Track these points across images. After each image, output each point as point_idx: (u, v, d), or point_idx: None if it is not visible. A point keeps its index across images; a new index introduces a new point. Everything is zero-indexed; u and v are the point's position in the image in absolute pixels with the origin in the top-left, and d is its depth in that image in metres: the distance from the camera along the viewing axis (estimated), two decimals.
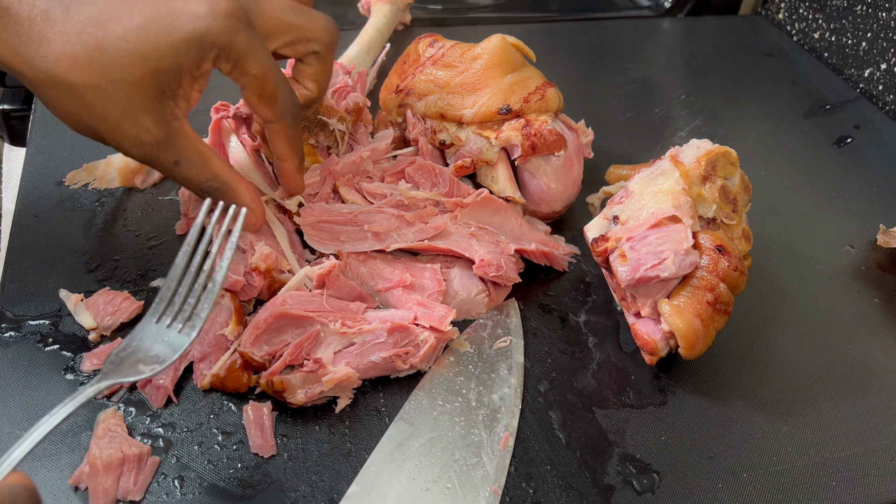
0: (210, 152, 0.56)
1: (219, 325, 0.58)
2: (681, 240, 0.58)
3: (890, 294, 0.72)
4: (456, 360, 0.61)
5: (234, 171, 0.58)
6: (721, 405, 0.60)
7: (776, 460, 0.56)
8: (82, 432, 0.53)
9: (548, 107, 0.70)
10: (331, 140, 0.71)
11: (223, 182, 0.57)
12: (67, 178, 0.71)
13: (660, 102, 0.98)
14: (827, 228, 0.79)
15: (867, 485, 0.55)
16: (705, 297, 0.58)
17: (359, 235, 0.66)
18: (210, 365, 0.57)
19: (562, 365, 0.62)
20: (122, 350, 0.50)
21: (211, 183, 0.57)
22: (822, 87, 1.04)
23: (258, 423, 0.54)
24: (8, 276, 0.63)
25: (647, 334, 0.59)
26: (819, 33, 1.12)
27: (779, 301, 0.70)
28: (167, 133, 0.53)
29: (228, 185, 0.57)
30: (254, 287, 0.61)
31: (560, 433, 0.57)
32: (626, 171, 0.69)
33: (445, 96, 0.70)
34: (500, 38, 0.71)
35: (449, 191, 0.69)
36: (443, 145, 0.71)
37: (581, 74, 1.03)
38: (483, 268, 0.64)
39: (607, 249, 0.61)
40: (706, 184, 0.62)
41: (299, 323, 0.57)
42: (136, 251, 0.67)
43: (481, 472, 0.53)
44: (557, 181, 0.70)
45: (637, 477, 0.54)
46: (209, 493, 0.51)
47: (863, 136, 0.95)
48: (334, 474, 0.53)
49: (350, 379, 0.56)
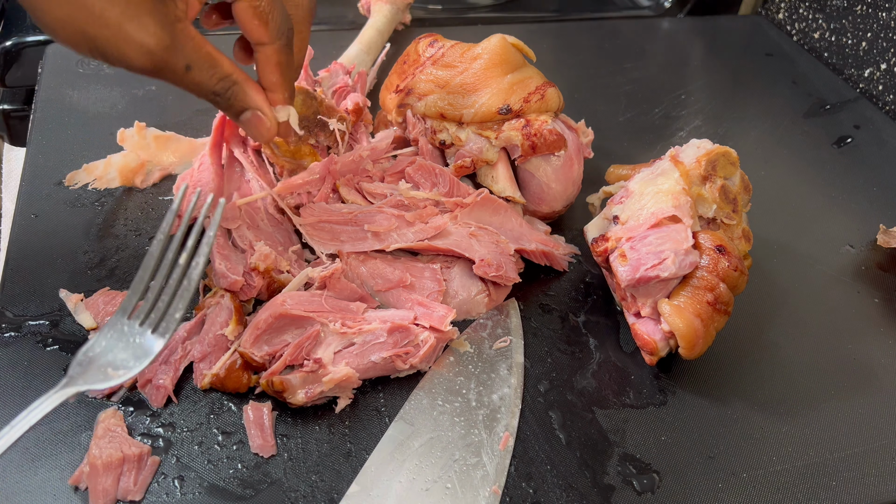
0: (217, 53, 0.52)
1: (219, 324, 0.58)
2: (681, 240, 0.58)
3: (890, 294, 0.72)
4: (456, 360, 0.61)
5: (244, 72, 0.54)
6: (721, 405, 0.60)
7: (776, 460, 0.56)
8: (82, 432, 0.53)
9: (548, 107, 0.70)
10: (331, 140, 0.71)
11: (234, 81, 0.53)
12: (67, 178, 0.71)
13: (660, 102, 0.98)
14: (827, 228, 0.79)
15: (867, 485, 0.55)
16: (705, 297, 0.58)
17: (359, 235, 0.66)
18: (210, 365, 0.57)
19: (562, 365, 0.62)
20: (89, 349, 0.47)
21: (223, 83, 0.52)
22: (822, 87, 1.04)
23: (258, 423, 0.54)
24: (8, 276, 0.63)
25: (647, 334, 0.59)
26: (819, 33, 1.12)
27: (779, 301, 0.70)
28: (172, 36, 0.48)
29: (240, 84, 0.53)
30: (253, 287, 0.61)
31: (560, 433, 0.57)
32: (626, 171, 0.69)
33: (445, 96, 0.70)
34: (500, 38, 0.71)
35: (449, 191, 0.69)
36: (443, 145, 0.71)
37: (581, 74, 1.03)
38: (483, 268, 0.64)
39: (607, 249, 0.61)
40: (706, 184, 0.62)
41: (299, 323, 0.57)
42: (136, 251, 0.67)
43: (481, 472, 0.53)
44: (557, 181, 0.70)
45: (637, 477, 0.54)
46: (209, 493, 0.51)
47: (863, 136, 0.95)
48: (334, 474, 0.53)
49: (350, 379, 0.56)
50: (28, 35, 0.95)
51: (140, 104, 0.86)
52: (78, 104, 0.85)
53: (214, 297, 0.60)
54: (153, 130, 0.73)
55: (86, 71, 0.90)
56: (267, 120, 0.56)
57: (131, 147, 0.73)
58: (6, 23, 0.98)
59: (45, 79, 0.88)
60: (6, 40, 0.94)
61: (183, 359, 0.57)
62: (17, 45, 0.94)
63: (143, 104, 0.86)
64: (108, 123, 0.82)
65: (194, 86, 0.52)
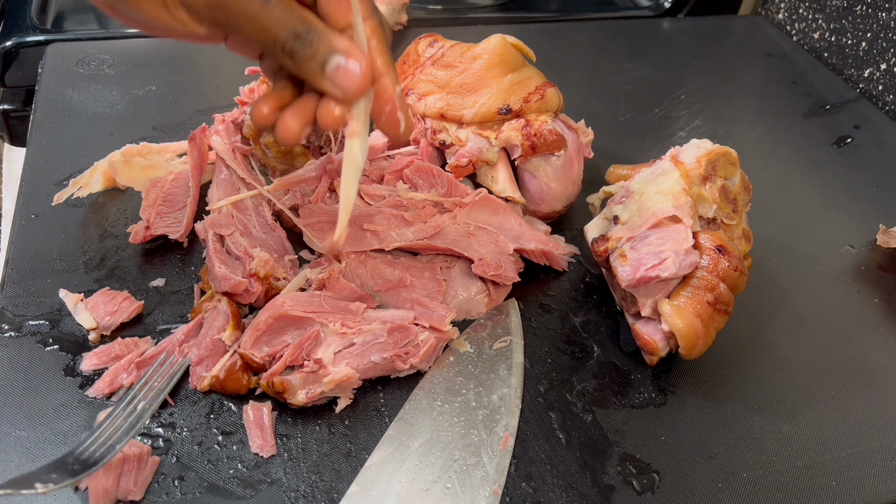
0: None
1: (216, 329, 0.58)
2: (681, 240, 0.58)
3: (890, 294, 0.72)
4: (456, 360, 0.61)
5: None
6: (721, 405, 0.60)
7: (776, 460, 0.56)
8: (82, 432, 0.53)
9: (548, 107, 0.70)
10: (323, 140, 0.71)
11: (315, 25, 0.46)
12: (55, 199, 0.69)
13: (660, 102, 0.98)
14: (827, 228, 0.79)
15: (867, 485, 0.55)
16: (705, 297, 0.58)
17: (358, 235, 0.66)
18: (207, 368, 0.57)
19: (562, 365, 0.62)
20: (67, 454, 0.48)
21: (305, 24, 0.45)
22: (821, 87, 1.04)
23: (258, 423, 0.54)
24: (8, 276, 0.63)
25: (648, 334, 0.59)
26: (819, 33, 1.12)
27: (779, 301, 0.70)
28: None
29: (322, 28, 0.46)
30: (252, 293, 0.61)
31: (560, 433, 0.57)
32: (626, 171, 0.69)
33: (445, 96, 0.70)
34: (500, 38, 0.71)
35: (447, 191, 0.69)
36: (443, 145, 0.71)
37: (581, 74, 1.02)
38: (482, 267, 0.64)
39: (607, 249, 0.61)
40: (706, 184, 0.62)
41: (299, 324, 0.57)
42: (136, 251, 0.67)
43: (481, 472, 0.53)
44: (557, 181, 0.70)
45: (637, 477, 0.54)
46: (209, 493, 0.51)
47: (863, 136, 0.95)
48: (334, 474, 0.53)
49: (350, 379, 0.56)
50: (28, 35, 0.95)
51: (140, 104, 0.86)
52: (78, 104, 0.85)
53: (211, 302, 0.60)
54: (139, 160, 0.72)
55: (86, 71, 0.90)
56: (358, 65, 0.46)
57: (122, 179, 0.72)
58: (6, 23, 0.98)
59: (45, 79, 0.88)
60: (6, 40, 0.94)
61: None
62: (17, 45, 0.94)
63: (143, 104, 0.86)
64: (108, 123, 0.82)
65: (273, 21, 0.44)
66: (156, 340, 0.59)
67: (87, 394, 0.55)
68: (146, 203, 0.68)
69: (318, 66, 0.46)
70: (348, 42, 0.46)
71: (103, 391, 0.55)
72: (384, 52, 0.48)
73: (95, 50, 0.94)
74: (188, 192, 0.69)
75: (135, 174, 0.73)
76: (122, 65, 0.92)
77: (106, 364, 0.57)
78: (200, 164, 0.71)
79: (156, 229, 0.66)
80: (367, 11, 0.48)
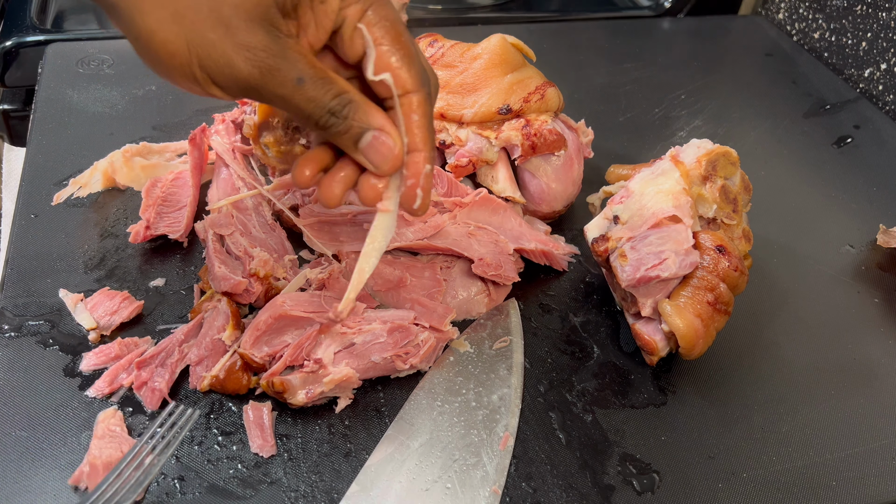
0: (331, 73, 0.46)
1: (216, 329, 0.58)
2: (681, 240, 0.58)
3: (890, 294, 0.72)
4: (456, 360, 0.61)
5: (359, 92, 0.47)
6: (721, 405, 0.60)
7: (776, 460, 0.56)
8: (82, 432, 0.53)
9: (548, 106, 0.70)
10: None
11: (352, 99, 0.46)
12: (55, 199, 0.69)
13: (660, 102, 0.98)
14: (827, 228, 0.79)
15: (867, 485, 0.55)
16: (706, 297, 0.58)
17: (358, 235, 0.66)
18: (207, 368, 0.57)
19: (562, 365, 0.62)
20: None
21: (340, 100, 0.45)
22: (822, 87, 1.04)
23: (258, 423, 0.54)
24: (8, 276, 0.63)
25: (648, 334, 0.59)
26: (819, 33, 1.12)
27: (779, 301, 0.70)
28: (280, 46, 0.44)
29: (358, 102, 0.46)
30: (252, 293, 0.61)
31: (560, 433, 0.57)
32: (626, 171, 0.69)
33: (445, 96, 0.70)
34: (500, 38, 0.71)
35: (447, 191, 0.69)
36: (443, 145, 0.71)
37: (581, 74, 1.02)
38: (481, 267, 0.64)
39: (608, 249, 0.61)
40: (706, 184, 0.62)
41: (299, 324, 0.57)
42: (136, 251, 0.67)
43: (481, 472, 0.53)
44: (557, 181, 0.70)
45: (637, 477, 0.54)
46: (209, 493, 0.51)
47: (863, 136, 0.95)
48: (334, 474, 0.53)
49: (350, 379, 0.56)
50: (28, 35, 0.95)
51: (140, 104, 0.86)
52: (78, 104, 0.85)
53: (211, 301, 0.60)
54: (139, 160, 0.73)
55: (86, 71, 0.90)
56: (392, 142, 0.47)
57: (122, 179, 0.72)
58: (6, 23, 0.98)
59: (45, 79, 0.88)
60: (6, 40, 0.94)
61: (179, 362, 0.57)
62: (17, 45, 0.94)
63: (143, 104, 0.86)
64: (108, 123, 0.82)
65: (307, 101, 0.45)
66: (156, 340, 0.59)
67: (87, 394, 0.55)
68: (146, 203, 0.68)
69: (352, 140, 0.47)
70: (383, 118, 0.47)
71: (103, 391, 0.55)
72: (425, 127, 0.48)
73: (95, 50, 0.94)
74: (188, 192, 0.70)
75: (135, 174, 0.73)
76: (122, 65, 0.92)
77: (106, 364, 0.57)
78: (200, 164, 0.71)
79: (156, 229, 0.66)
80: (416, 84, 0.47)
